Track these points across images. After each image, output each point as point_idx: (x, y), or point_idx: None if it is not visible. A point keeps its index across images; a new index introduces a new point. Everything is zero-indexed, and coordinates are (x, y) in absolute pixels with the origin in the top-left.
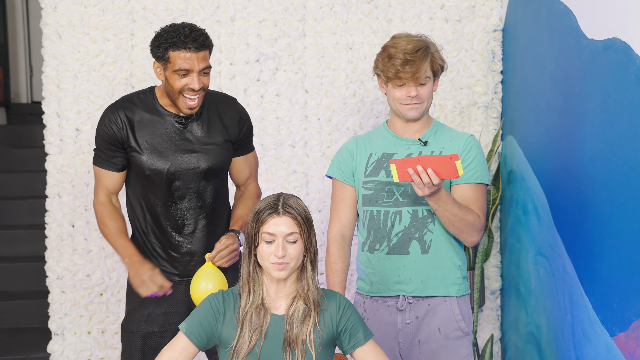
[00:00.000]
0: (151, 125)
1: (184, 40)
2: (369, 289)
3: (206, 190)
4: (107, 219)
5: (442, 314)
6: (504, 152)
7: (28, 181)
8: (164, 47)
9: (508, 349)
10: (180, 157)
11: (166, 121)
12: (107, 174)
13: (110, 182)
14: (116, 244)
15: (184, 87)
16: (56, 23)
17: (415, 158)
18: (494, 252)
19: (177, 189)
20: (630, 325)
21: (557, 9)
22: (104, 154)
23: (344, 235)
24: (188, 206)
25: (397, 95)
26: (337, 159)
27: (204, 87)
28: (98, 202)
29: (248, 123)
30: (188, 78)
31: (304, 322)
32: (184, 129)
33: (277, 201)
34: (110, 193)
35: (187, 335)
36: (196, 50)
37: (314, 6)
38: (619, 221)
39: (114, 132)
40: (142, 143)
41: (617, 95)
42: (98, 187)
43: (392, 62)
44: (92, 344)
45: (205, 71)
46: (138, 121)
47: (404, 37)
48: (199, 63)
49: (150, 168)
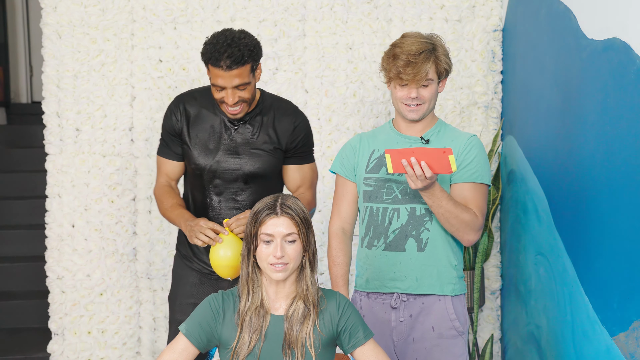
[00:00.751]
0: (205, 121)
1: (217, 58)
2: (365, 285)
3: (245, 193)
4: (163, 197)
5: (436, 313)
6: (504, 152)
7: (28, 181)
8: (204, 59)
9: (508, 349)
10: (224, 157)
11: (219, 120)
12: (167, 162)
13: (170, 170)
14: (173, 216)
15: (221, 99)
16: (56, 23)
17: (410, 149)
18: (494, 252)
19: (216, 187)
20: (630, 325)
21: (557, 9)
22: (165, 142)
23: (344, 229)
24: (225, 206)
25: (399, 95)
26: (341, 155)
27: (243, 99)
28: (157, 186)
29: (304, 134)
30: (224, 92)
31: (304, 322)
32: (235, 130)
33: (275, 202)
34: (170, 179)
35: (187, 336)
36: (228, 69)
37: (314, 6)
38: (618, 221)
39: (173, 124)
40: (193, 137)
41: (617, 95)
42: (159, 175)
43: (395, 63)
44: (92, 344)
45: (241, 87)
46: (194, 115)
47: (412, 37)
48: (232, 80)
49: (195, 163)
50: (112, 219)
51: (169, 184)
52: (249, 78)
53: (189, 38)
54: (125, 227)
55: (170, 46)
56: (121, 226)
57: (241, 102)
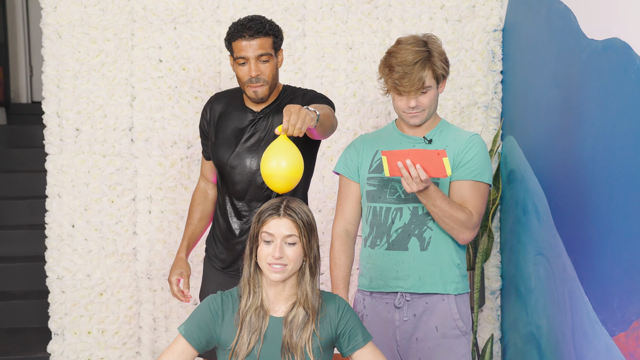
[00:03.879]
0: (230, 118)
1: (240, 30)
2: (368, 284)
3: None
4: (191, 208)
5: (439, 313)
6: (504, 152)
7: (28, 181)
8: (227, 41)
9: (508, 349)
10: (241, 153)
11: (242, 116)
12: (203, 161)
13: (204, 169)
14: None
15: (244, 77)
16: (56, 23)
17: (404, 151)
18: (494, 252)
19: (237, 183)
20: (630, 325)
21: (557, 9)
22: (202, 142)
23: (348, 231)
24: (248, 199)
25: (399, 104)
26: (344, 156)
27: (265, 79)
28: (195, 188)
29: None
30: (247, 67)
31: (304, 329)
32: (252, 125)
33: (280, 203)
34: (206, 180)
35: (186, 337)
36: (251, 37)
37: (314, 6)
38: (619, 221)
39: (204, 124)
40: (217, 133)
41: (617, 95)
42: (200, 173)
43: (391, 75)
44: (92, 344)
45: (262, 58)
46: (222, 112)
47: (407, 44)
48: (255, 50)
49: (216, 158)
50: (112, 219)
51: (202, 189)
52: (271, 51)
53: (189, 38)
54: (125, 227)
55: (170, 46)
56: (121, 226)
57: (263, 81)
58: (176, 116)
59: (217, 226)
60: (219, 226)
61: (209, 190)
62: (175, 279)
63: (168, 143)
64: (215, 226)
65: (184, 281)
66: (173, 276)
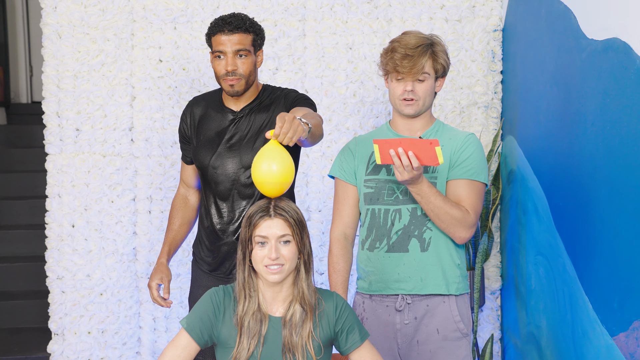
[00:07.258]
0: (210, 120)
1: (220, 25)
2: (368, 287)
3: (247, 189)
4: (171, 214)
5: (440, 315)
6: (504, 152)
7: (28, 181)
8: (208, 35)
9: (508, 349)
10: (223, 153)
11: (223, 117)
12: (183, 166)
13: (185, 175)
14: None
15: (222, 70)
16: (56, 23)
17: (397, 140)
18: (494, 252)
19: (220, 183)
20: (630, 325)
21: (557, 9)
22: (181, 148)
23: (346, 235)
24: (232, 200)
25: (396, 89)
26: (339, 159)
27: (241, 73)
28: (174, 197)
29: (294, 96)
30: (224, 60)
31: (302, 326)
32: (233, 124)
33: (269, 204)
34: (186, 186)
35: (188, 331)
36: (230, 32)
37: (314, 6)
38: (619, 221)
39: (184, 128)
40: (198, 136)
41: (617, 95)
42: (180, 179)
43: (392, 56)
44: (92, 344)
45: (240, 53)
46: (201, 115)
47: (411, 34)
48: (233, 45)
49: (198, 160)
50: (112, 219)
51: (182, 195)
52: (250, 48)
53: (189, 38)
54: (125, 227)
55: (170, 46)
56: (121, 226)
57: (239, 75)
58: (176, 116)
59: (202, 229)
60: (204, 229)
61: (190, 197)
62: (155, 284)
63: (168, 143)
64: (201, 229)
65: (164, 286)
66: (153, 281)
